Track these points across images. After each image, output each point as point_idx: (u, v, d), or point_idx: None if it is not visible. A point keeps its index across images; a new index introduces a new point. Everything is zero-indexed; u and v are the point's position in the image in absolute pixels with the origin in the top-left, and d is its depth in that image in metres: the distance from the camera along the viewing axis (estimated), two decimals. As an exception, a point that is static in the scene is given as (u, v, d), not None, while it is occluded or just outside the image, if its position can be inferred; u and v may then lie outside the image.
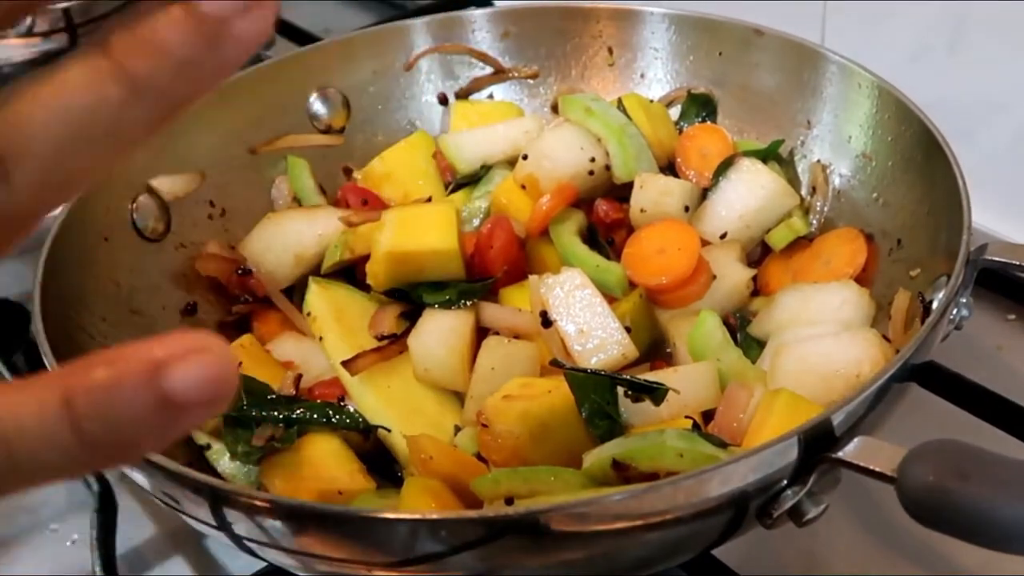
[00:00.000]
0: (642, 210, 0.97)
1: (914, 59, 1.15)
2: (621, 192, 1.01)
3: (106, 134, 0.36)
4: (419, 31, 1.17)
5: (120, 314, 0.93)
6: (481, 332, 0.89)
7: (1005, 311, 1.06)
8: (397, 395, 0.86)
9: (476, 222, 1.01)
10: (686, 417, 0.79)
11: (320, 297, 0.93)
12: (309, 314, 0.93)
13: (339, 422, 0.84)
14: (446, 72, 1.18)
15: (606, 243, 0.98)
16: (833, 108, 1.02)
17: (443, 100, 1.18)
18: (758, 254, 1.00)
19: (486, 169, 1.06)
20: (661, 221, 0.95)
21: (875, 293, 0.90)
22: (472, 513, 0.65)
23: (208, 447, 0.85)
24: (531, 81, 1.18)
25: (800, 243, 0.98)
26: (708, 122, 1.10)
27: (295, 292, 1.00)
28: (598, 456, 0.74)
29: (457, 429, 0.85)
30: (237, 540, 0.71)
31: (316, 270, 1.00)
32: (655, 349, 0.92)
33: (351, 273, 0.99)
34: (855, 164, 1.00)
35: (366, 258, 0.95)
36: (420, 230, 0.92)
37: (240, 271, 1.01)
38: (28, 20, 1.36)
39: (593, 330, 0.86)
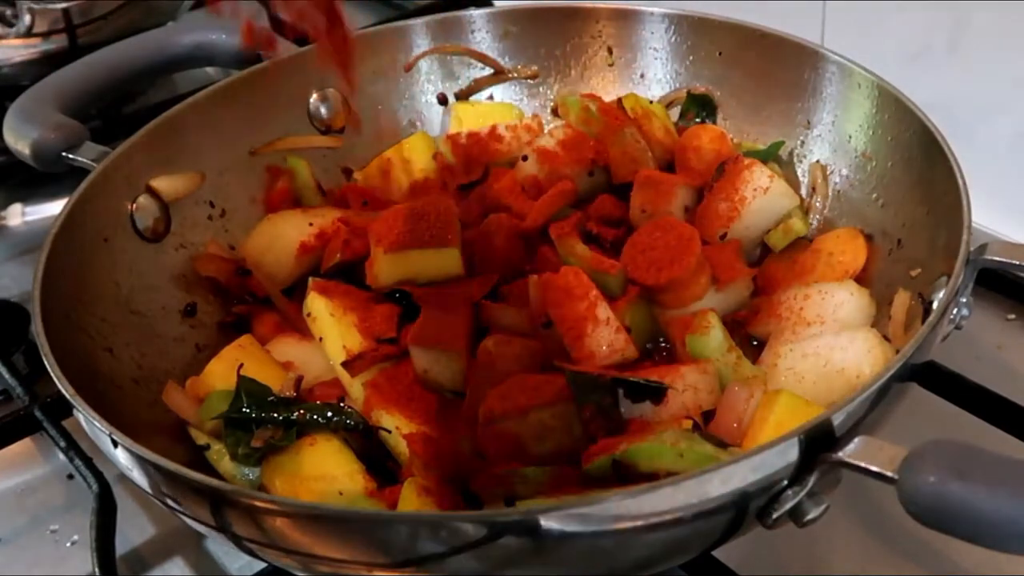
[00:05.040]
0: (642, 210, 0.97)
1: (914, 59, 1.15)
2: (621, 192, 1.01)
3: None
4: (419, 31, 1.17)
5: (120, 314, 0.93)
6: (481, 332, 0.89)
7: (1005, 311, 1.06)
8: (397, 395, 0.86)
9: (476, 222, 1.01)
10: (686, 417, 0.79)
11: (320, 297, 0.93)
12: (309, 314, 0.93)
13: (339, 423, 0.84)
14: (446, 72, 1.18)
15: (606, 243, 0.98)
16: (833, 108, 1.02)
17: (443, 100, 1.18)
18: (758, 254, 1.00)
19: (486, 169, 1.06)
20: (661, 221, 0.95)
21: (875, 293, 0.90)
22: (472, 513, 0.65)
23: (208, 448, 0.85)
24: (531, 81, 1.18)
25: (800, 243, 0.98)
26: (708, 122, 1.10)
27: (295, 292, 1.00)
28: (598, 456, 0.74)
29: (456, 429, 0.85)
30: (237, 541, 0.71)
31: (316, 270, 1.00)
32: (655, 349, 0.92)
33: (351, 273, 0.99)
34: (855, 164, 1.00)
35: (366, 258, 0.95)
36: (420, 230, 0.92)
37: (240, 271, 1.01)
38: (28, 20, 1.36)
39: (593, 331, 0.86)
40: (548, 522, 0.61)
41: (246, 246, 1.02)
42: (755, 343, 0.90)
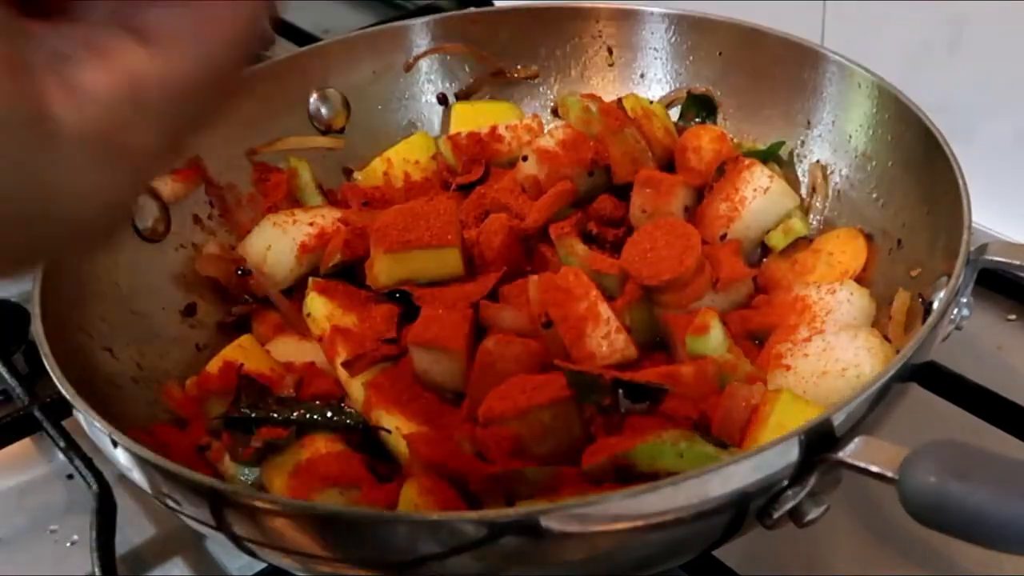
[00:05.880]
0: (642, 210, 0.97)
1: (914, 59, 1.15)
2: (621, 192, 1.01)
3: None
4: (419, 31, 1.17)
5: (120, 314, 0.93)
6: (481, 332, 0.89)
7: (1005, 311, 1.06)
8: (397, 395, 0.86)
9: (476, 222, 1.01)
10: (686, 417, 0.79)
11: (320, 297, 0.93)
12: (309, 314, 0.93)
13: (339, 422, 0.84)
14: (446, 72, 1.18)
15: (606, 243, 0.98)
16: (833, 108, 1.02)
17: (443, 100, 1.18)
18: (758, 254, 1.00)
19: (486, 169, 1.06)
20: (661, 221, 0.95)
21: (875, 293, 0.90)
22: (472, 513, 0.65)
23: (208, 447, 0.85)
24: (531, 81, 1.18)
25: (800, 243, 0.98)
26: (708, 123, 1.10)
27: (295, 292, 1.00)
28: (598, 456, 0.73)
29: (456, 429, 0.85)
30: (237, 541, 0.71)
31: (316, 270, 1.00)
32: (655, 349, 0.92)
33: (351, 273, 0.99)
34: (855, 164, 1.00)
35: (366, 258, 0.95)
36: (420, 230, 0.92)
37: (240, 271, 1.01)
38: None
39: (593, 331, 0.86)
40: (548, 522, 0.61)
41: (246, 246, 1.02)
42: (755, 343, 0.90)
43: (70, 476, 0.98)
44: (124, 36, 0.42)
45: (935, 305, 0.79)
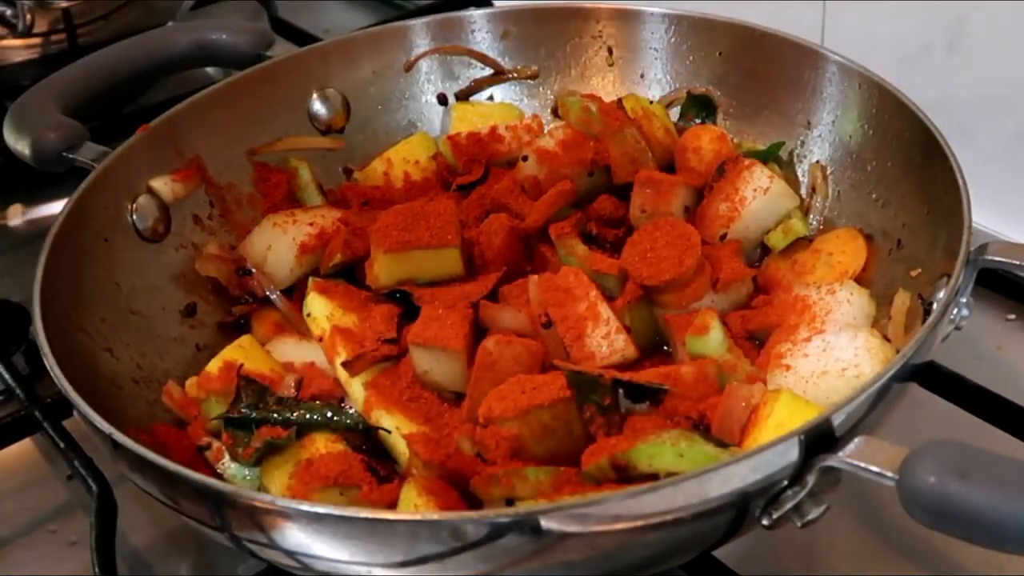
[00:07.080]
0: (642, 210, 0.97)
1: (914, 59, 1.15)
2: (621, 192, 1.01)
3: None
4: (419, 31, 1.17)
5: (120, 314, 0.93)
6: (481, 332, 0.89)
7: (1005, 311, 1.06)
8: (397, 395, 0.86)
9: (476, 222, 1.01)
10: (686, 417, 0.79)
11: (320, 297, 0.93)
12: (309, 314, 0.93)
13: (339, 423, 0.84)
14: (446, 73, 1.18)
15: (606, 243, 0.98)
16: (833, 108, 1.02)
17: (443, 100, 1.18)
18: (758, 254, 1.00)
19: (486, 169, 1.06)
20: (661, 221, 0.95)
21: (875, 293, 0.90)
22: (472, 513, 0.65)
23: (208, 447, 0.85)
24: (531, 81, 1.18)
25: (800, 243, 0.98)
26: (708, 123, 1.10)
27: (295, 292, 1.00)
28: (598, 456, 0.73)
29: (456, 429, 0.85)
30: (237, 541, 0.71)
31: (316, 270, 1.00)
32: (655, 349, 0.92)
33: (351, 273, 0.99)
34: (855, 164, 1.00)
35: (366, 258, 0.95)
36: (420, 230, 0.92)
37: (240, 271, 1.01)
38: (28, 20, 1.36)
39: (593, 331, 0.86)
40: (548, 522, 0.61)
41: (246, 246, 1.02)
42: (755, 343, 0.90)
43: (70, 476, 0.98)
44: None
45: (935, 305, 0.79)
